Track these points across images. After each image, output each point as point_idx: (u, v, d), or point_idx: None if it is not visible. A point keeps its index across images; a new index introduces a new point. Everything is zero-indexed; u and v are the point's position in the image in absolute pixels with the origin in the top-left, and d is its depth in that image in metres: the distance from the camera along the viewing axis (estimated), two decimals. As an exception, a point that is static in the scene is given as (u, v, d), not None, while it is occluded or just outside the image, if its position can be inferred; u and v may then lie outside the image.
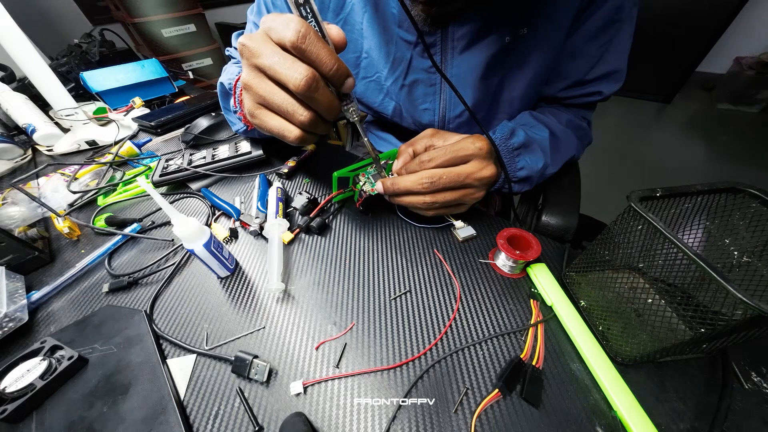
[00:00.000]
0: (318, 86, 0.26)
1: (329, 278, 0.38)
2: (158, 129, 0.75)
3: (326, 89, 0.27)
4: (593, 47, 0.45)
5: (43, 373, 0.28)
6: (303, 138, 0.29)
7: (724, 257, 0.27)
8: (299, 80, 0.25)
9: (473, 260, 0.38)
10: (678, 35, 2.19)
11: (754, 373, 0.27)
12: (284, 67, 0.25)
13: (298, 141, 0.30)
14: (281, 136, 0.30)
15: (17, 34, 0.64)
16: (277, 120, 0.29)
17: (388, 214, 0.45)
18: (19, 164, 0.69)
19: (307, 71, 0.25)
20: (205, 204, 0.50)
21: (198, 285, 0.38)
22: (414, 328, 0.32)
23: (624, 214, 0.28)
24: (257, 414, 0.27)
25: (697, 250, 0.22)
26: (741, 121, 2.13)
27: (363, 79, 0.53)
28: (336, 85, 0.28)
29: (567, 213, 0.47)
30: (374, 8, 0.44)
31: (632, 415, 0.24)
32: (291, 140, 0.30)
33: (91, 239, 0.47)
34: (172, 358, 0.32)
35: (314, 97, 0.26)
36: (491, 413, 0.26)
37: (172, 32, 1.92)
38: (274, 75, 0.26)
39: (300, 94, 0.26)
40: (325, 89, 0.27)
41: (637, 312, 0.28)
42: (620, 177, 1.76)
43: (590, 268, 0.32)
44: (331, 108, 0.28)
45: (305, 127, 0.28)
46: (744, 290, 0.19)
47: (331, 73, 0.26)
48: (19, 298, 0.36)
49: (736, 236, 0.27)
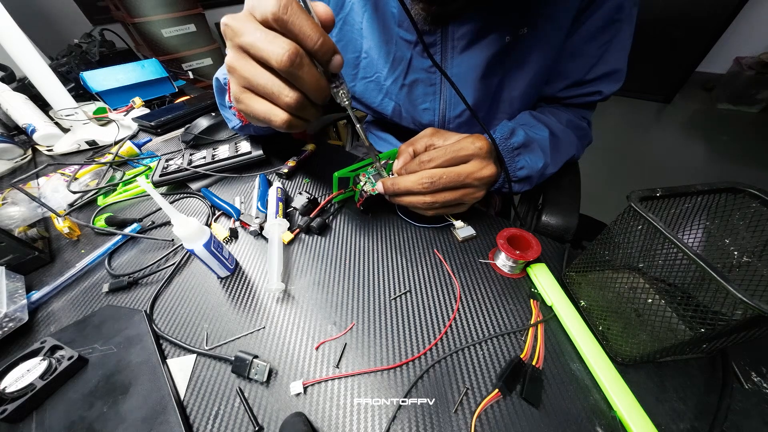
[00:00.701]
0: (302, 62, 0.24)
1: (329, 278, 0.38)
2: (158, 129, 0.75)
3: (312, 67, 0.25)
4: (593, 47, 0.45)
5: (43, 373, 0.28)
6: (291, 123, 0.28)
7: (724, 257, 0.27)
8: (281, 55, 0.23)
9: (473, 260, 0.38)
10: (678, 35, 2.19)
11: (754, 373, 0.27)
12: (266, 42, 0.24)
13: (286, 126, 0.28)
14: (268, 121, 0.28)
15: (17, 34, 0.64)
16: (262, 104, 0.27)
17: (388, 214, 0.45)
18: (19, 164, 0.69)
19: (290, 45, 0.23)
20: (205, 204, 0.50)
21: (198, 285, 0.38)
22: (414, 328, 0.32)
23: (624, 214, 0.28)
24: (257, 414, 0.27)
25: (697, 250, 0.22)
26: (741, 121, 2.13)
27: (362, 79, 0.53)
28: (322, 63, 0.26)
29: (567, 213, 0.47)
30: (374, 8, 0.44)
31: (632, 415, 0.24)
32: (278, 125, 0.28)
33: (91, 239, 0.47)
34: (172, 358, 0.32)
35: (299, 74, 0.24)
36: (491, 413, 0.26)
37: (172, 32, 1.92)
38: (257, 53, 0.24)
39: (283, 71, 0.24)
40: (311, 66, 0.25)
41: (637, 312, 0.28)
42: (620, 177, 1.76)
43: (590, 268, 0.32)
44: (319, 88, 0.26)
45: (292, 110, 0.27)
46: (744, 290, 0.19)
47: (316, 48, 0.24)
48: (19, 298, 0.36)
49: (736, 236, 0.27)
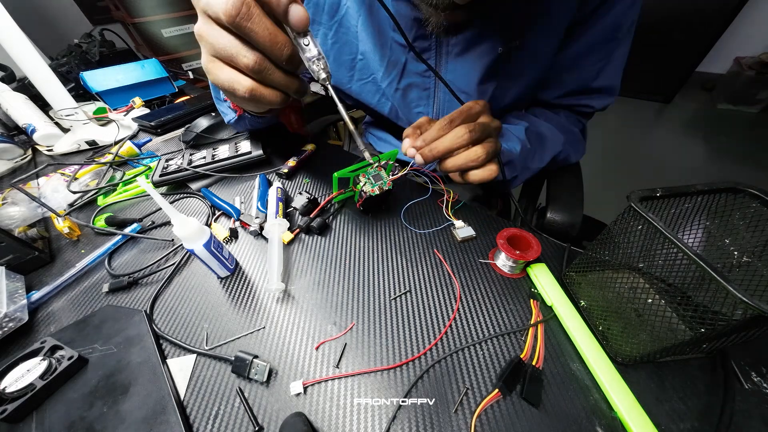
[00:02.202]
0: (250, 13, 0.22)
1: (329, 278, 0.38)
2: (158, 129, 0.75)
3: (263, 17, 0.23)
4: (590, 61, 0.46)
5: (43, 373, 0.28)
6: (256, 91, 0.26)
7: (724, 257, 0.27)
8: (227, 5, 0.22)
9: (473, 260, 0.38)
10: (678, 35, 2.19)
11: (754, 373, 0.27)
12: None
13: (250, 94, 0.26)
14: (233, 91, 0.26)
15: (17, 34, 0.64)
16: (227, 71, 0.26)
17: (389, 214, 0.45)
18: (19, 164, 0.69)
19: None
20: (205, 204, 0.50)
21: (198, 285, 0.38)
22: (414, 328, 0.32)
23: (624, 214, 0.28)
24: (257, 414, 0.27)
25: (697, 250, 0.22)
26: (741, 121, 2.12)
27: (359, 80, 0.53)
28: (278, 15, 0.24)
29: (571, 209, 0.47)
30: (368, 11, 0.45)
31: (632, 415, 0.24)
32: (242, 93, 0.26)
33: (91, 239, 0.47)
34: (172, 358, 0.32)
35: (249, 27, 0.23)
36: (491, 413, 0.26)
37: (172, 32, 1.91)
38: (211, 12, 0.23)
39: (231, 24, 0.22)
40: (262, 17, 0.23)
41: (637, 312, 0.28)
42: (620, 177, 1.76)
43: (590, 268, 0.32)
44: (275, 42, 0.24)
45: (254, 74, 0.25)
46: (744, 290, 0.19)
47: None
48: (19, 298, 0.36)
49: (736, 236, 0.27)
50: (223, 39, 0.24)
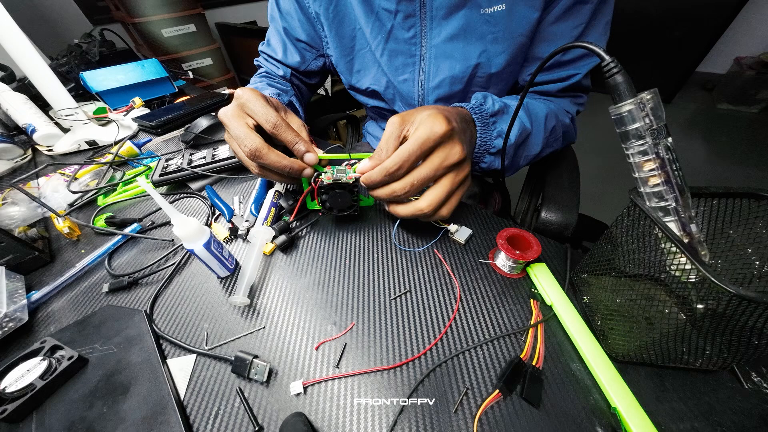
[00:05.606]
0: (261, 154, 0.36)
1: (329, 278, 0.38)
2: (158, 129, 0.75)
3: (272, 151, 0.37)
4: (566, 28, 0.45)
5: (43, 373, 0.28)
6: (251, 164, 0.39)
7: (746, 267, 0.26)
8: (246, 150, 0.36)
9: (473, 260, 0.38)
10: (678, 35, 2.19)
11: (754, 373, 0.27)
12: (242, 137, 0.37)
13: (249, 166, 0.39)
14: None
15: (17, 34, 0.64)
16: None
17: (388, 214, 0.45)
18: (19, 164, 0.69)
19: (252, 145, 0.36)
20: (205, 204, 0.50)
21: (198, 285, 0.38)
22: (414, 328, 0.32)
23: (628, 210, 0.27)
24: (257, 414, 0.27)
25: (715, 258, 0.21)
26: (741, 121, 2.13)
27: (359, 50, 0.57)
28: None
29: (566, 209, 0.47)
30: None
31: (632, 414, 0.24)
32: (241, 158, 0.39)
33: (91, 239, 0.47)
34: (172, 358, 0.32)
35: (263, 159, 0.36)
36: (491, 413, 0.26)
37: (172, 32, 1.91)
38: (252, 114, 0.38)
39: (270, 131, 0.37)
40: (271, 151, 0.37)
41: (649, 320, 0.27)
42: (620, 177, 1.76)
43: (605, 272, 0.30)
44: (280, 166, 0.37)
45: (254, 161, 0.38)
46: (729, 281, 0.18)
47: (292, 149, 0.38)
48: (19, 298, 0.36)
49: (758, 245, 0.25)
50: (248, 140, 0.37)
